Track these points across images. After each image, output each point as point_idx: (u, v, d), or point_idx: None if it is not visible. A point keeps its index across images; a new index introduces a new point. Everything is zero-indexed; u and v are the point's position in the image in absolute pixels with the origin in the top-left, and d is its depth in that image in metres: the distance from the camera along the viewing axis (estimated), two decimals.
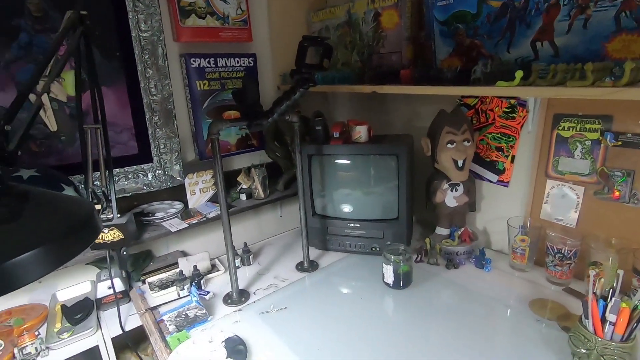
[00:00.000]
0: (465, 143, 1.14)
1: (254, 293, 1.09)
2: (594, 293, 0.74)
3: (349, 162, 1.23)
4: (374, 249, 1.25)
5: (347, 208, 1.27)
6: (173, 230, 1.20)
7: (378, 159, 1.19)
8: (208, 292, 1.08)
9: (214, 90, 1.40)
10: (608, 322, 0.71)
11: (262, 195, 1.43)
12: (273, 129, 1.52)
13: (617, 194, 0.95)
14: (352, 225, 1.25)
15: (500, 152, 1.18)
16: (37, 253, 0.43)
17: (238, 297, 1.05)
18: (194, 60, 1.33)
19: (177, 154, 1.35)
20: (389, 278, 1.06)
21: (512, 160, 1.16)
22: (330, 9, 1.46)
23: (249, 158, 1.55)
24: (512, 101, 1.11)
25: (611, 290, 0.73)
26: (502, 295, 1.02)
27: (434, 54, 1.15)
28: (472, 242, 1.22)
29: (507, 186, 1.19)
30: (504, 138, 1.16)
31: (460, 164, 1.14)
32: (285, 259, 1.30)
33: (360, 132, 1.18)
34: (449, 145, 1.14)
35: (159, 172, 1.34)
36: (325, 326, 0.94)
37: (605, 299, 0.73)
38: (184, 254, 1.39)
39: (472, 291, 1.05)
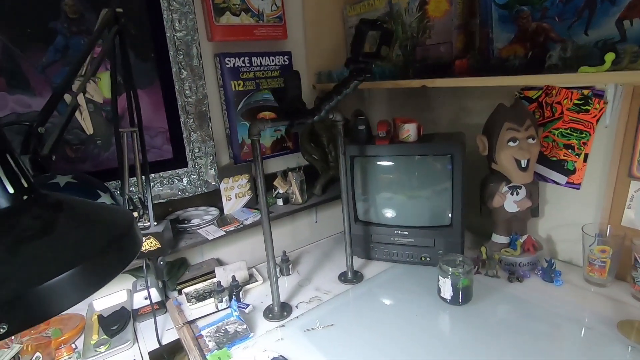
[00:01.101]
0: (530, 140, 1.01)
1: (296, 307, 1.01)
2: None
3: (396, 163, 1.13)
4: (423, 258, 1.14)
5: (393, 214, 1.17)
6: (210, 238, 1.14)
7: (429, 159, 1.09)
8: (248, 305, 1.01)
9: (248, 90, 1.34)
10: None
11: (300, 200, 1.35)
12: (309, 130, 1.45)
13: None
14: (400, 232, 1.15)
15: (569, 150, 1.04)
16: (75, 273, 0.36)
17: (280, 311, 0.98)
18: (228, 60, 1.27)
19: (212, 157, 1.30)
20: (447, 293, 0.95)
21: (585, 159, 1.02)
22: (369, 0, 1.36)
23: (284, 161, 1.48)
24: (586, 92, 0.97)
25: None
26: (580, 315, 0.88)
27: (491, 43, 1.03)
28: (536, 251, 1.08)
29: (578, 188, 1.05)
30: (575, 134, 1.02)
31: (523, 164, 1.02)
32: (326, 269, 1.21)
33: (409, 131, 1.08)
34: (511, 143, 1.01)
35: (194, 177, 1.29)
36: (378, 346, 0.84)
37: None
38: (219, 262, 1.34)
39: (542, 308, 0.92)
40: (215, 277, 1.12)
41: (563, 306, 0.92)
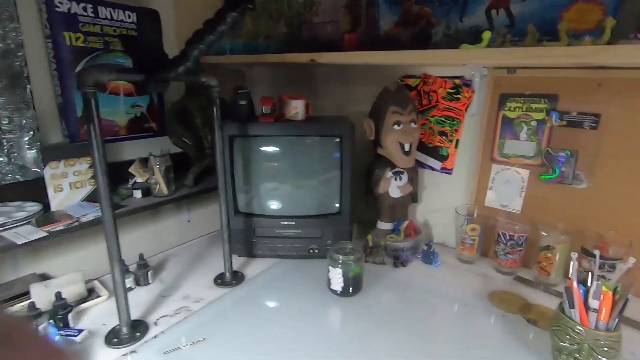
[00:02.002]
0: (412, 125, 1.02)
1: (155, 323, 0.78)
2: (575, 279, 0.66)
3: (282, 144, 1.00)
4: (312, 250, 1.04)
5: (278, 203, 1.04)
6: (20, 242, 0.79)
7: (318, 141, 1.00)
8: (80, 331, 0.72)
9: (93, 49, 1.02)
10: (590, 310, 0.63)
11: (165, 192, 1.10)
12: (179, 109, 1.20)
13: (560, 177, 0.93)
14: (286, 223, 1.03)
15: (444, 137, 1.10)
16: None
17: (130, 332, 0.73)
18: (60, 2, 0.94)
19: (31, 133, 0.94)
20: (337, 284, 0.86)
21: (457, 145, 1.09)
22: None
23: (146, 146, 1.19)
24: (457, 81, 1.04)
25: (590, 273, 0.66)
26: (458, 292, 0.91)
27: (377, 23, 1.01)
28: (417, 235, 1.10)
29: (450, 173, 1.11)
30: (448, 121, 1.08)
31: (407, 148, 1.02)
32: (199, 273, 1.00)
33: (297, 108, 0.97)
34: (396, 127, 1.01)
35: (1, 159, 0.91)
36: (261, 354, 0.69)
37: (583, 283, 0.66)
38: (45, 277, 0.97)
39: (426, 290, 0.92)
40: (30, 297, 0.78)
41: (442, 286, 0.94)
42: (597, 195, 0.89)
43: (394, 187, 1.09)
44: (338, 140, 0.97)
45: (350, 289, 0.87)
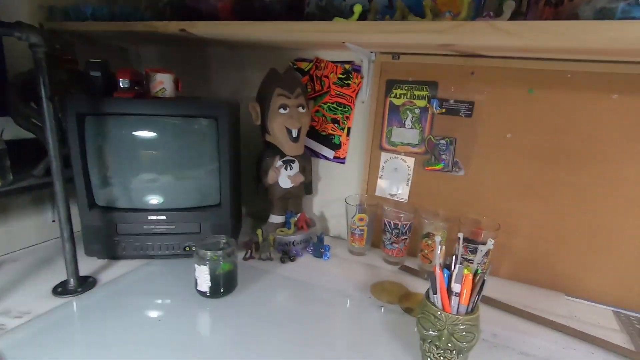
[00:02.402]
0: (300, 109, 0.95)
1: None
2: (439, 264, 0.64)
3: (144, 125, 0.85)
4: (188, 248, 0.92)
5: (146, 194, 0.89)
6: None
7: (190, 123, 0.87)
8: None
9: None
10: (454, 294, 0.62)
11: None
12: (26, 82, 0.99)
13: (441, 165, 0.94)
14: (154, 218, 0.89)
15: (336, 125, 1.05)
16: None
17: None
18: None
19: None
20: (204, 284, 0.75)
21: (348, 134, 1.05)
22: None
23: None
24: (347, 66, 1.00)
25: (454, 257, 0.64)
26: (343, 285, 0.86)
27: None
28: (309, 228, 1.04)
29: (344, 163, 1.07)
30: (340, 108, 1.04)
31: (294, 134, 0.95)
32: (37, 282, 0.81)
33: (163, 83, 0.84)
34: (282, 111, 0.93)
35: None
36: None
37: (448, 267, 0.64)
38: None
39: (311, 285, 0.86)
40: None
41: (331, 279, 0.88)
42: (473, 182, 0.91)
43: (284, 177, 1.01)
44: (214, 121, 0.86)
45: (222, 288, 0.77)
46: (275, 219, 1.06)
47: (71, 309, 0.73)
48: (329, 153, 1.08)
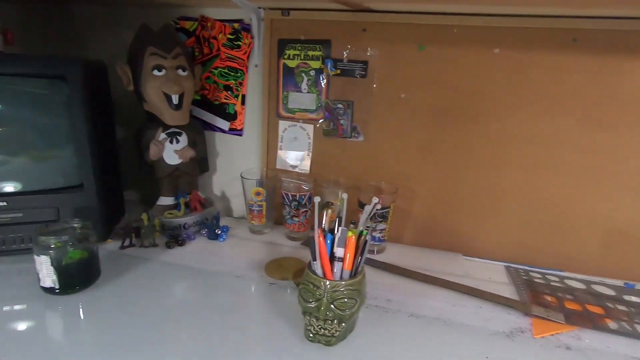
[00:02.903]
0: (180, 72, 0.83)
1: None
2: (322, 228, 0.57)
3: None
4: None
5: None
6: None
7: (29, 84, 0.71)
8: None
9: None
10: (336, 260, 0.55)
11: None
12: None
13: (340, 131, 0.88)
14: None
15: (229, 92, 0.95)
16: None
17: None
18: None
19: None
20: (47, 278, 0.61)
21: (243, 102, 0.95)
22: None
23: None
24: (236, 25, 0.89)
25: (337, 219, 0.58)
26: (237, 267, 0.77)
27: None
28: (204, 209, 0.93)
29: (241, 135, 0.97)
30: (232, 74, 0.93)
31: (175, 100, 0.83)
32: None
33: None
34: (156, 72, 0.80)
35: None
36: None
37: (332, 232, 0.58)
38: None
39: (197, 270, 0.75)
40: None
41: (225, 262, 0.79)
42: (373, 148, 0.87)
43: (169, 152, 0.88)
44: (63, 83, 0.70)
45: (73, 281, 0.63)
46: (165, 200, 0.93)
47: None
48: (224, 124, 0.97)
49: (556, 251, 0.81)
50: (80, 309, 0.61)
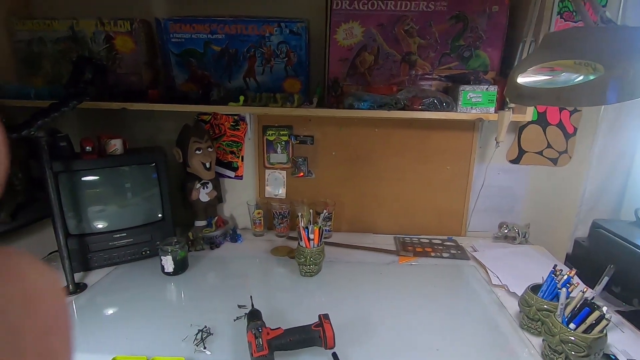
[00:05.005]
0: (209, 149, 1.47)
1: None
2: (302, 227, 1.27)
3: (106, 174, 1.26)
4: (144, 252, 1.35)
5: (110, 220, 1.29)
6: None
7: (138, 168, 1.31)
8: None
9: None
10: (310, 240, 1.26)
11: None
12: None
13: (301, 173, 1.59)
14: (118, 235, 1.29)
15: (233, 155, 1.60)
16: None
17: None
18: None
19: None
20: (169, 267, 1.23)
21: (242, 160, 1.61)
22: (46, 21, 1.37)
23: None
24: (236, 117, 1.55)
25: (309, 222, 1.28)
26: (254, 254, 1.43)
27: (173, 79, 1.41)
28: (225, 225, 1.57)
29: (241, 179, 1.63)
30: (235, 144, 1.59)
31: (207, 165, 1.46)
32: None
33: (116, 145, 1.25)
34: (197, 152, 1.43)
35: None
36: (115, 339, 1.00)
37: (307, 228, 1.28)
38: None
39: (234, 258, 1.40)
40: None
41: (246, 253, 1.44)
42: (320, 181, 1.59)
43: (203, 194, 1.51)
44: (154, 165, 1.31)
45: (181, 269, 1.25)
46: (200, 223, 1.55)
47: (76, 303, 1.11)
48: (231, 173, 1.62)
49: (414, 224, 1.60)
50: (183, 283, 1.23)
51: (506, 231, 1.47)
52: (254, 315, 0.94)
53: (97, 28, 1.37)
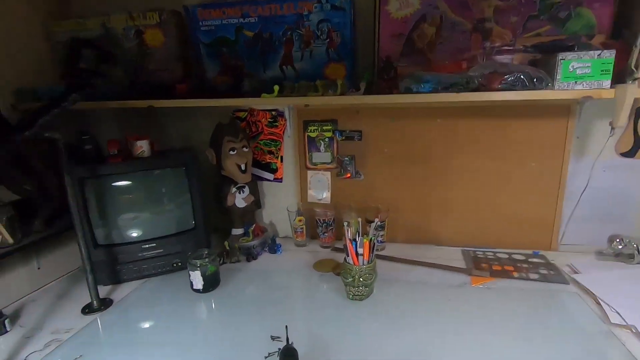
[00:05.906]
0: (244, 149, 1.31)
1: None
2: (349, 239, 1.05)
3: (133, 179, 1.15)
4: (175, 264, 1.22)
5: (137, 230, 1.18)
6: None
7: (166, 172, 1.19)
8: None
9: None
10: (359, 255, 1.04)
11: (10, 241, 1.10)
12: (13, 156, 1.20)
13: (348, 174, 1.37)
14: (147, 246, 1.18)
15: (272, 155, 1.43)
16: None
17: None
18: None
19: None
20: (198, 283, 1.08)
21: (282, 160, 1.43)
22: (79, 20, 1.31)
23: None
24: (274, 112, 1.38)
25: (357, 233, 1.06)
26: (293, 268, 1.24)
27: (204, 72, 1.27)
28: (264, 234, 1.40)
29: (281, 182, 1.46)
30: (273, 143, 1.42)
31: (243, 167, 1.31)
32: (65, 309, 1.06)
33: (142, 147, 1.14)
34: (231, 152, 1.28)
35: None
36: (140, 355, 0.86)
37: (355, 240, 1.06)
38: None
39: (272, 272, 1.23)
40: None
41: (283, 265, 1.26)
42: (370, 183, 1.36)
43: (239, 199, 1.36)
44: (184, 168, 1.18)
45: (210, 285, 1.10)
46: (237, 231, 1.40)
47: (101, 320, 1.00)
48: (270, 176, 1.45)
49: (488, 235, 1.30)
50: (213, 302, 1.08)
51: (620, 247, 1.12)
52: (287, 355, 0.75)
53: (127, 23, 1.28)
